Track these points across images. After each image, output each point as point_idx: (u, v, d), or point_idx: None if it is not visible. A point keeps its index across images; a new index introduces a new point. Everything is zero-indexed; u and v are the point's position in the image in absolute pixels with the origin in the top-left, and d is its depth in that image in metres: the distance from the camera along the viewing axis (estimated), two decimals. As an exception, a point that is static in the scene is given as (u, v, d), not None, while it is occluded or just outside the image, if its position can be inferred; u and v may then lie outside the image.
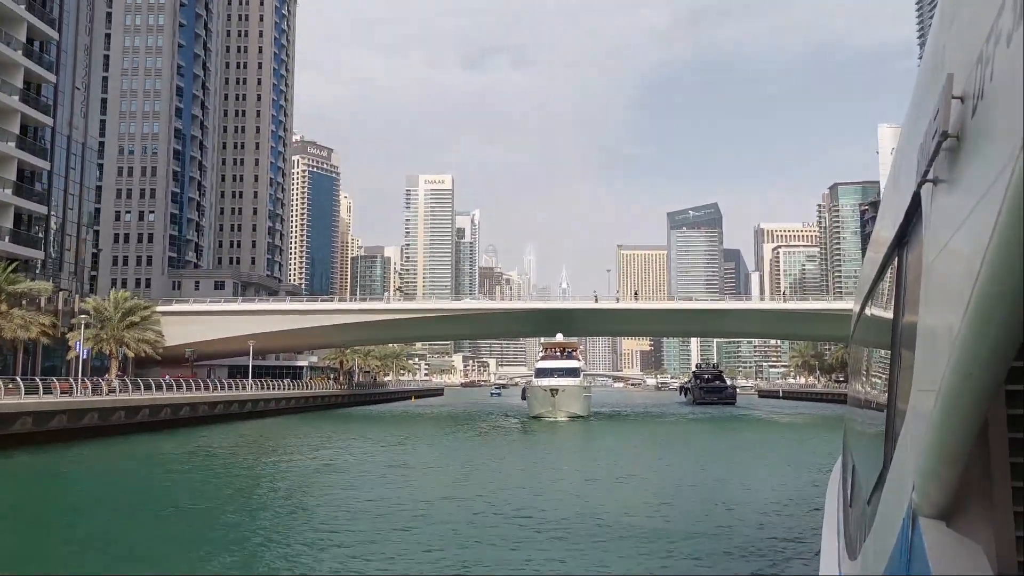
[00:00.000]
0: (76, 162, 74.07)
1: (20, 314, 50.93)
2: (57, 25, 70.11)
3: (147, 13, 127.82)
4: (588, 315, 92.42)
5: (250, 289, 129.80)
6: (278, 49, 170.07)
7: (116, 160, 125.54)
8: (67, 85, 72.44)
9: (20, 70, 64.73)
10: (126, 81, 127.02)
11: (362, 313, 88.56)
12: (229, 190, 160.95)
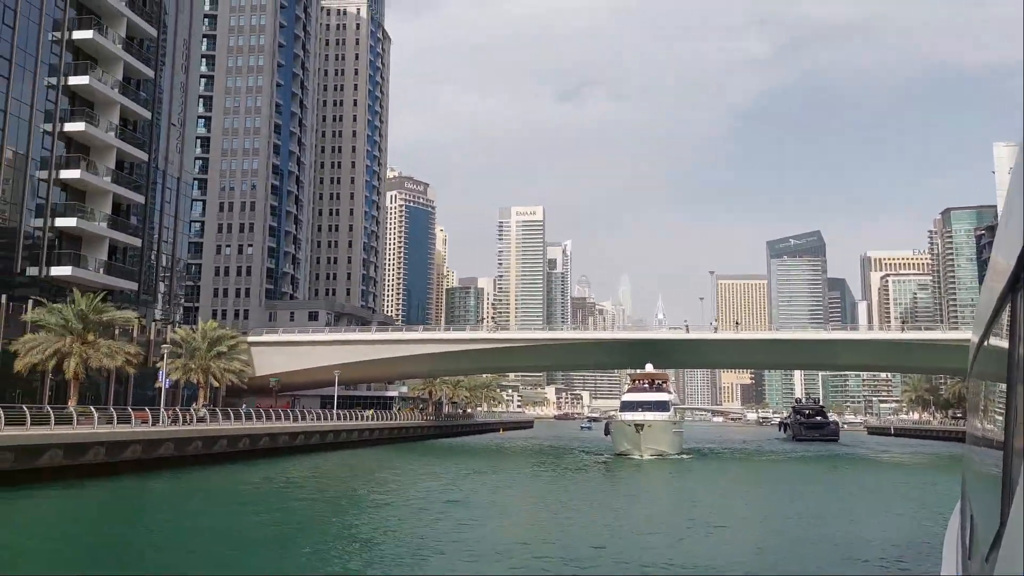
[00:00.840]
0: (171, 196, 76.30)
1: (107, 343, 51.86)
2: (153, 64, 72.71)
3: (248, 55, 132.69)
4: (682, 346, 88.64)
5: (343, 320, 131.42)
6: (372, 86, 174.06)
7: (218, 196, 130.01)
8: (163, 122, 74.90)
9: (116, 107, 67.17)
10: (228, 120, 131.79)
11: (446, 343, 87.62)
12: (325, 223, 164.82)
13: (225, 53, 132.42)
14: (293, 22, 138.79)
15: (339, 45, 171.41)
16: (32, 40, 60.40)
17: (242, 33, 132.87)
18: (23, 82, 59.40)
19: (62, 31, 63.40)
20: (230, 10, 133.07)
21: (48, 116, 61.95)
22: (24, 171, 59.66)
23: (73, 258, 62.52)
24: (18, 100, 58.95)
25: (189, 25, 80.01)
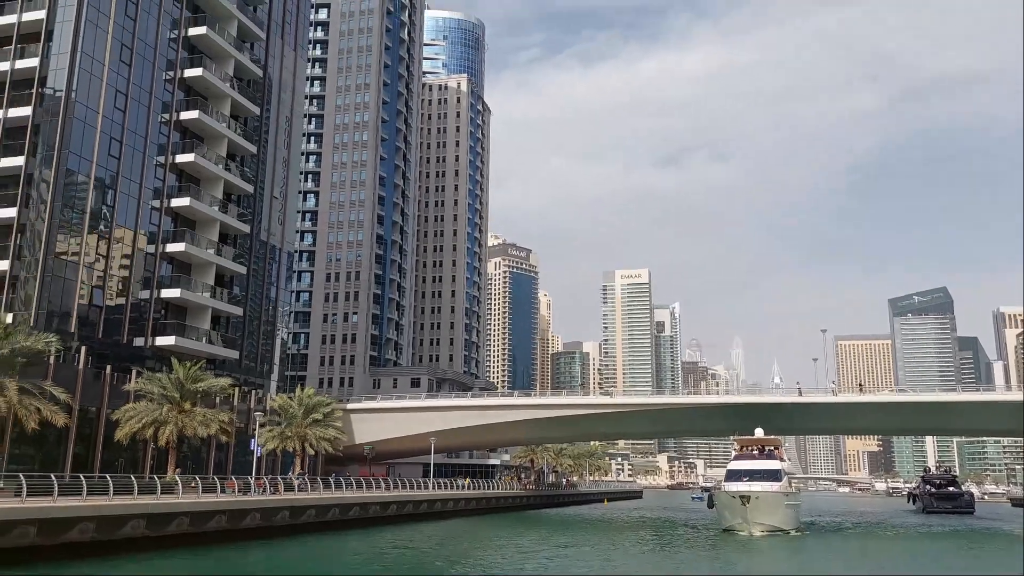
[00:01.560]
0: (273, 266, 78.35)
1: (201, 412, 52.44)
2: (257, 140, 75.64)
3: (353, 132, 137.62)
4: (798, 410, 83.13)
5: (445, 385, 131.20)
6: (472, 156, 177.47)
7: (325, 266, 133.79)
8: (266, 195, 77.47)
9: (220, 182, 69.87)
10: (334, 194, 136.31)
11: (545, 408, 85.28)
12: (428, 290, 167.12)
13: (332, 131, 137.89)
14: (396, 99, 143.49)
15: (441, 118, 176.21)
16: (142, 120, 63.76)
17: (347, 111, 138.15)
18: (133, 160, 62.53)
19: (171, 112, 66.79)
20: (336, 90, 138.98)
21: (156, 193, 64.91)
22: (133, 245, 62.28)
23: (177, 328, 64.39)
24: (128, 179, 61.99)
25: (291, 103, 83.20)
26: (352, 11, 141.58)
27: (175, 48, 67.85)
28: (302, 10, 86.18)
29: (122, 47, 62.45)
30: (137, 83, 63.58)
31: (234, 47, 72.51)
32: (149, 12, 65.31)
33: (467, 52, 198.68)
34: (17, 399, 39.70)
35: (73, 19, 58.75)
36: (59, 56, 58.65)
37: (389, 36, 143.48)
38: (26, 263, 55.75)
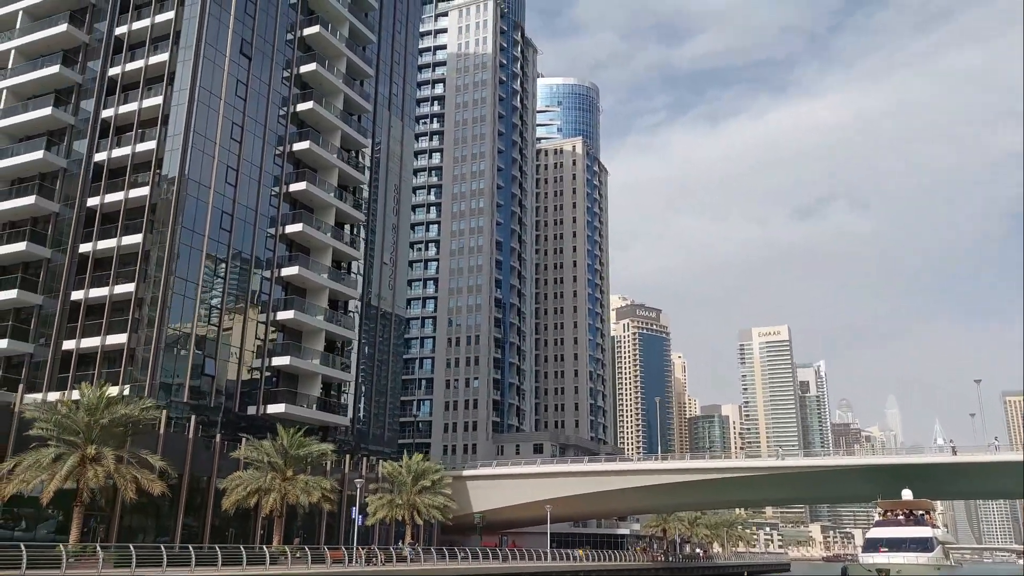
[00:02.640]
0: (384, 332, 78.64)
1: (303, 479, 51.86)
2: (366, 208, 76.99)
3: (469, 199, 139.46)
4: (951, 471, 74.17)
5: (569, 451, 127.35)
6: (590, 217, 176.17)
7: (446, 332, 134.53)
8: (376, 261, 78.35)
9: (329, 250, 71.03)
10: (453, 261, 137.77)
11: (674, 473, 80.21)
12: (550, 354, 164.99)
13: (450, 199, 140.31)
14: (510, 165, 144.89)
15: (557, 181, 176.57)
16: (252, 193, 65.96)
17: (464, 180, 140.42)
18: (244, 232, 64.50)
19: (280, 184, 68.92)
20: (453, 161, 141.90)
21: (268, 263, 66.68)
22: (244, 315, 63.74)
23: (288, 396, 64.95)
24: (239, 250, 63.89)
25: (400, 171, 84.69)
26: (466, 84, 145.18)
27: (284, 124, 70.40)
28: (409, 83, 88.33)
29: (232, 125, 65.28)
30: (248, 159, 66.10)
31: (340, 119, 74.58)
32: (259, 92, 68.23)
33: (582, 115, 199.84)
34: (114, 468, 40.03)
35: (186, 102, 61.93)
36: (174, 138, 61.80)
37: (502, 105, 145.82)
38: (143, 336, 57.82)
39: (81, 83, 67.57)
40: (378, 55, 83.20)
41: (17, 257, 63.53)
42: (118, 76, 66.31)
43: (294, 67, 72.13)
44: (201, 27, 63.73)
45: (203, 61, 63.32)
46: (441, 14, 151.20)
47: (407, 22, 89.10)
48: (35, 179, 65.79)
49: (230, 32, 66.08)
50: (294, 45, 72.53)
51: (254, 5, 68.73)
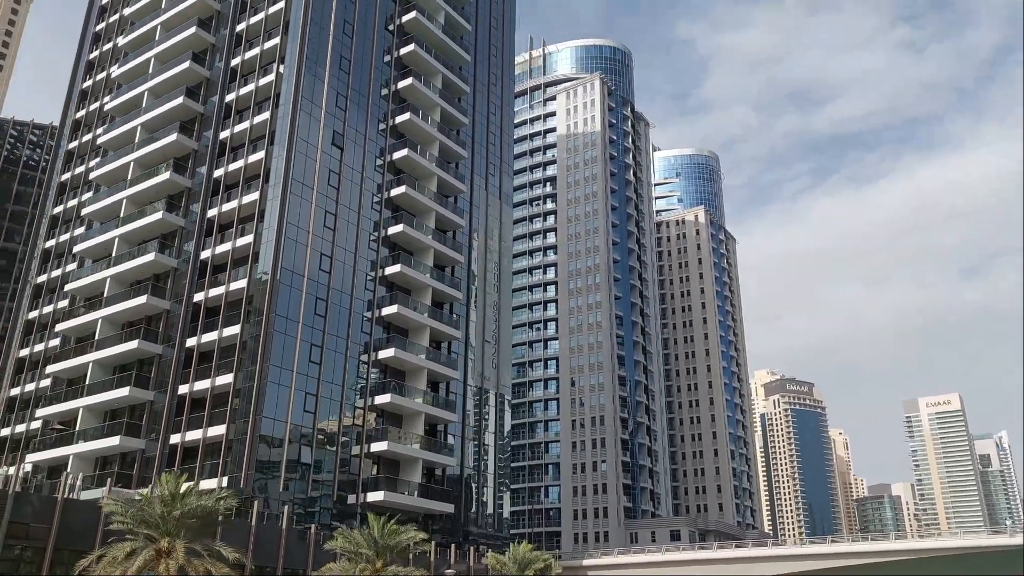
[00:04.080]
0: (490, 413, 76.06)
1: (393, 570, 49.14)
2: (463, 287, 75.88)
3: (585, 275, 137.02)
4: None
5: (710, 537, 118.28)
6: (719, 287, 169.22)
7: (570, 414, 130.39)
8: (477, 340, 76.58)
9: (426, 330, 69.93)
10: (573, 339, 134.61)
11: (820, 559, 71.64)
12: (687, 433, 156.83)
13: (566, 277, 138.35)
14: (626, 238, 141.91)
15: (681, 253, 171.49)
16: (348, 277, 66.25)
17: (579, 257, 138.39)
18: (339, 317, 64.48)
19: (375, 269, 69.01)
20: (568, 238, 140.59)
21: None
22: (340, 400, 63.02)
23: (387, 482, 63.06)
24: (334, 335, 63.76)
25: (499, 250, 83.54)
26: (577, 162, 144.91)
27: (378, 209, 71.06)
28: (506, 162, 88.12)
29: (326, 214, 66.36)
30: (342, 245, 66.83)
31: (435, 201, 74.66)
32: (352, 180, 69.41)
33: (702, 184, 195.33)
34: (186, 560, 38.87)
35: (280, 196, 63.53)
36: (269, 230, 63.27)
37: (614, 180, 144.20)
38: (239, 426, 57.94)
39: (191, 186, 71.09)
40: (472, 137, 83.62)
41: (131, 355, 66.09)
42: (221, 177, 69.28)
43: (387, 154, 73.25)
44: (294, 123, 65.86)
45: (295, 156, 65.14)
46: (550, 98, 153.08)
47: (502, 104, 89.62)
48: (149, 280, 69.02)
49: (321, 126, 68.00)
50: (386, 133, 73.83)
51: (345, 99, 70.73)
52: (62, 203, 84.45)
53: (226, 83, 73.16)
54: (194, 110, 73.65)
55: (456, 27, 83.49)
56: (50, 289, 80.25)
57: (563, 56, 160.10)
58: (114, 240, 71.75)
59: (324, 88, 69.14)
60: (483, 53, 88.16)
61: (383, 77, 75.07)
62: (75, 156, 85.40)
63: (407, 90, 75.77)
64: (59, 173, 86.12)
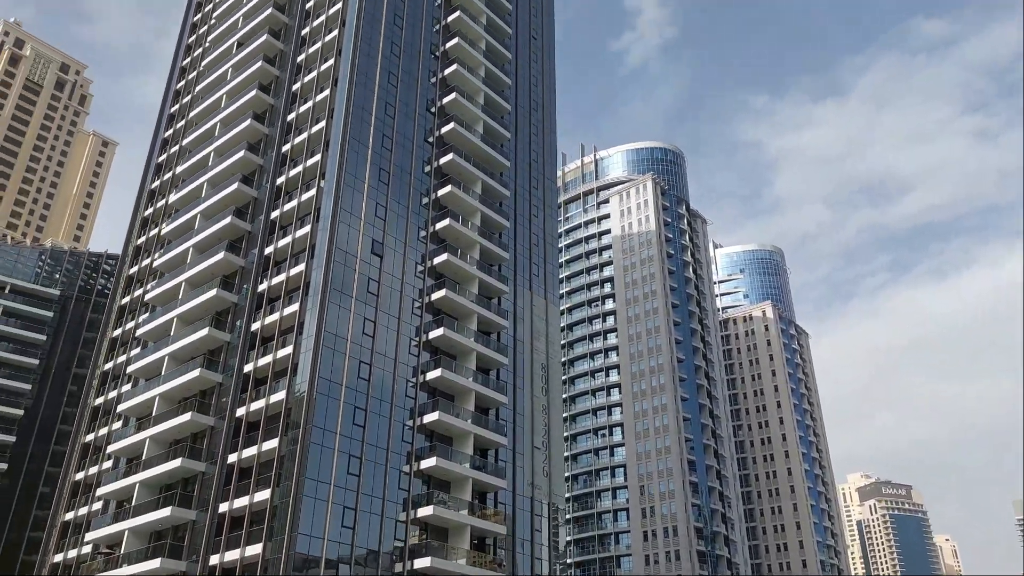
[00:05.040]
0: (540, 523, 72.12)
1: None
2: (508, 390, 73.63)
3: (649, 377, 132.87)
4: None
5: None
6: (794, 384, 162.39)
7: (640, 524, 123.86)
8: (525, 447, 73.59)
9: (470, 437, 67.57)
10: (639, 444, 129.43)
11: None
12: (771, 544, 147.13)
13: (629, 379, 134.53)
14: (689, 336, 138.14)
15: (751, 350, 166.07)
16: (388, 383, 64.98)
17: (641, 358, 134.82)
18: (378, 425, 62.88)
19: (416, 375, 67.70)
20: (628, 339, 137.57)
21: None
22: (381, 513, 60.58)
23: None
24: (374, 445, 62.03)
25: (546, 350, 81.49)
26: (633, 263, 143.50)
27: (419, 314, 70.39)
28: (550, 262, 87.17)
29: (365, 321, 65.94)
30: (381, 351, 65.98)
31: (476, 303, 73.72)
32: (392, 286, 69.25)
33: (767, 280, 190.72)
34: None
35: (318, 306, 63.61)
36: (308, 339, 63.02)
37: (673, 278, 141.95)
38: (275, 545, 55.95)
39: (236, 302, 72.07)
40: (515, 238, 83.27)
41: (176, 474, 65.56)
42: (265, 291, 70.08)
43: (427, 260, 73.16)
44: (333, 235, 66.57)
45: (334, 266, 65.52)
46: (603, 201, 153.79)
47: (544, 206, 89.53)
48: (195, 396, 69.22)
49: (361, 236, 68.59)
50: (426, 240, 74.02)
51: (384, 208, 71.57)
52: (120, 326, 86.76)
53: (271, 201, 75.13)
54: (242, 228, 75.59)
55: (495, 135, 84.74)
56: (105, 411, 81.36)
57: (615, 160, 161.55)
58: (163, 359, 72.77)
59: (363, 200, 70.18)
60: (523, 158, 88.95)
61: (423, 186, 76.02)
62: (134, 280, 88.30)
63: (447, 197, 76.39)
64: (119, 297, 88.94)
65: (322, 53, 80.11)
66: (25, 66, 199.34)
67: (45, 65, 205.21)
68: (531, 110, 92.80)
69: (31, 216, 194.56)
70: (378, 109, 74.93)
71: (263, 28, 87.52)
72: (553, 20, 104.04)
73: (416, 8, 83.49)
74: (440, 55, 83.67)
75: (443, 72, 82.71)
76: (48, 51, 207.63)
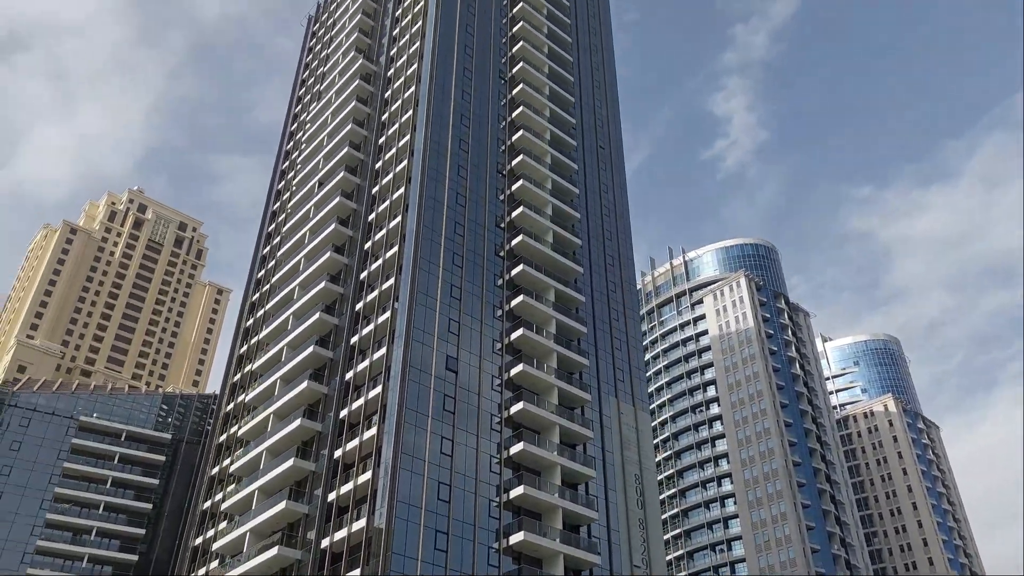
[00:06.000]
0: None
1: None
2: (597, 504, 69.90)
3: (763, 483, 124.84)
4: None
5: None
6: (929, 482, 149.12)
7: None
8: (623, 566, 68.91)
9: (559, 558, 63.91)
10: (761, 558, 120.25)
11: None
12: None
13: (743, 488, 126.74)
14: (803, 436, 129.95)
15: (877, 448, 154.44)
16: (469, 504, 62.78)
17: (753, 464, 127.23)
18: (462, 551, 60.39)
19: (499, 494, 65.29)
20: (737, 444, 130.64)
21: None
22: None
23: None
24: (456, 570, 59.39)
25: (639, 459, 77.55)
26: (735, 363, 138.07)
27: (498, 430, 68.60)
28: (635, 366, 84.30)
29: (442, 440, 64.67)
30: (461, 471, 64.24)
31: (558, 414, 71.43)
32: (468, 402, 68.12)
33: (884, 371, 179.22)
34: None
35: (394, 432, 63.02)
36: (385, 463, 62.08)
37: (779, 376, 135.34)
38: None
39: (320, 430, 72.41)
40: (595, 344, 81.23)
41: (264, 611, 64.45)
42: (345, 417, 70.22)
43: (503, 372, 71.96)
44: (407, 356, 66.60)
45: (408, 386, 65.13)
46: (697, 302, 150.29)
47: (624, 309, 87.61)
48: (283, 529, 68.81)
49: (435, 352, 68.40)
50: (501, 352, 73.12)
51: (457, 323, 71.49)
52: (218, 463, 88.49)
53: (351, 327, 76.51)
54: (324, 356, 76.93)
55: (566, 243, 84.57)
56: (203, 551, 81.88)
57: (705, 260, 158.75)
58: (254, 493, 73.18)
59: (436, 316, 70.40)
60: (599, 262, 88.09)
61: (495, 299, 75.89)
62: (230, 417, 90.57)
63: (520, 307, 75.85)
64: (217, 435, 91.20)
65: (393, 183, 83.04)
66: (147, 228, 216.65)
67: (165, 225, 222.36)
68: (603, 216, 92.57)
69: (154, 365, 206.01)
70: (448, 229, 76.27)
71: (341, 165, 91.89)
72: (620, 130, 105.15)
73: (481, 130, 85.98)
74: (507, 173, 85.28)
75: (510, 188, 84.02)
76: (168, 212, 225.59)
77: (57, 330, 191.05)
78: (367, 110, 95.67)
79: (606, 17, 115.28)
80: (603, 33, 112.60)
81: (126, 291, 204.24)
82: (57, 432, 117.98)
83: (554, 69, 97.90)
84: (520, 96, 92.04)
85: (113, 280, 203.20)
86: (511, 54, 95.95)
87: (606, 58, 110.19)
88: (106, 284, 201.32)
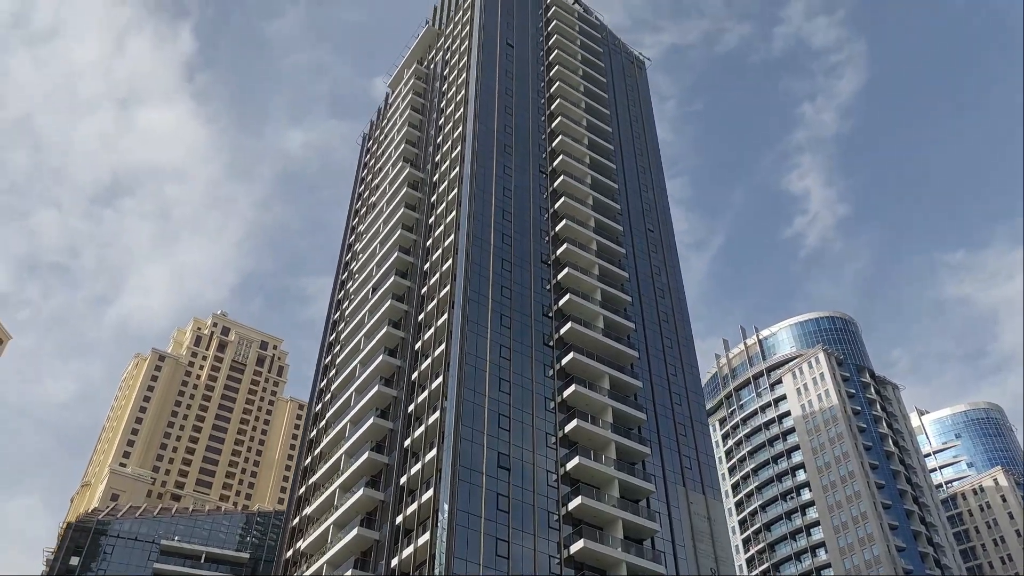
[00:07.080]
0: None
1: None
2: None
3: (866, 571, 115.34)
4: None
5: None
6: None
7: None
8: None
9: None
10: None
11: None
12: None
13: (843, 571, 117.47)
14: (904, 519, 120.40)
15: (991, 527, 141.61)
16: None
17: (853, 552, 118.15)
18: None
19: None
20: (833, 531, 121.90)
21: None
22: None
23: None
24: None
25: (713, 551, 72.66)
26: (822, 443, 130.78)
27: (556, 528, 65.59)
28: (702, 451, 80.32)
29: (497, 541, 62.17)
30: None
31: (619, 507, 68.07)
32: (524, 500, 65.66)
33: (990, 442, 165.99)
34: None
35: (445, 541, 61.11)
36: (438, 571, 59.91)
37: (871, 455, 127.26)
38: None
39: (378, 538, 70.89)
40: (658, 431, 77.96)
41: None
42: (400, 523, 68.69)
43: (559, 466, 69.45)
44: (456, 455, 65.15)
45: (460, 488, 63.36)
46: (776, 382, 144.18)
47: (687, 391, 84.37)
48: (342, 643, 66.62)
49: (484, 449, 66.69)
50: (556, 446, 70.79)
51: (508, 418, 69.88)
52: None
53: (404, 431, 75.74)
54: (379, 462, 76.08)
55: (618, 327, 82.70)
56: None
57: (780, 338, 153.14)
58: (315, 609, 71.55)
59: (484, 413, 69.01)
60: (655, 346, 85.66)
61: (547, 390, 74.15)
62: (295, 532, 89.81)
63: (573, 397, 73.81)
64: (283, 551, 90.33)
65: (440, 282, 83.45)
66: (231, 349, 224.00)
67: (247, 345, 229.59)
68: (656, 298, 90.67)
69: (240, 484, 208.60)
70: (493, 321, 75.73)
71: (392, 270, 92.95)
72: (668, 212, 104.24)
73: (523, 224, 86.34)
74: (551, 262, 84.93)
75: (556, 277, 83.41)
76: (249, 332, 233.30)
77: (148, 456, 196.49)
78: (416, 215, 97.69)
79: (647, 101, 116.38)
80: (644, 117, 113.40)
81: (212, 412, 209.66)
82: (141, 557, 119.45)
83: (595, 159, 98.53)
84: (562, 188, 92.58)
85: (200, 403, 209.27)
86: (551, 148, 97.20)
87: (649, 142, 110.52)
88: (193, 407, 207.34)
